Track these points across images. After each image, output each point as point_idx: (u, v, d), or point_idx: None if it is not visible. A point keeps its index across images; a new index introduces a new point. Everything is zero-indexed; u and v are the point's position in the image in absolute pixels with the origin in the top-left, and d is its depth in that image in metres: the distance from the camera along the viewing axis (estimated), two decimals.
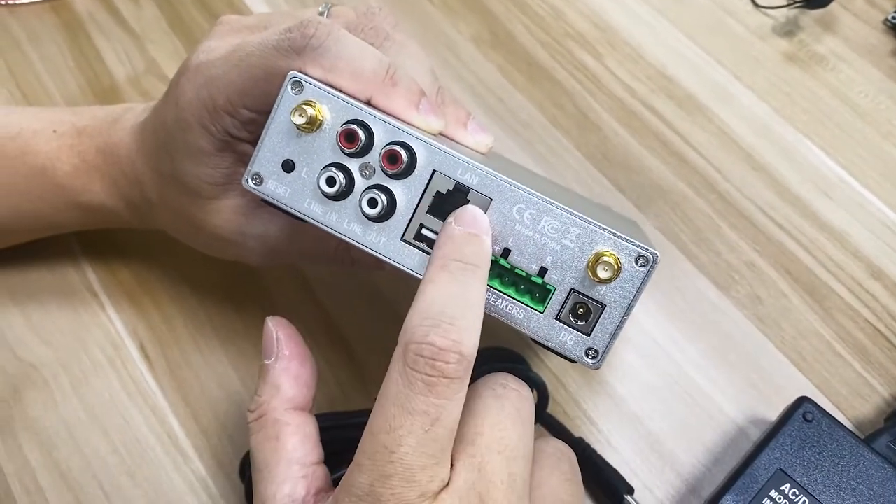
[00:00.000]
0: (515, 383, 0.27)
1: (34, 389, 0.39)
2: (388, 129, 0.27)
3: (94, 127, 0.37)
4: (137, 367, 0.40)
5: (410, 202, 0.27)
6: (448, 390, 0.23)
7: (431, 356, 0.23)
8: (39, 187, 0.37)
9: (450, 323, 0.23)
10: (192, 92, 0.30)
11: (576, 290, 0.26)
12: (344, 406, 0.39)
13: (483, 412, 0.25)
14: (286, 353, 0.29)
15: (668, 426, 0.38)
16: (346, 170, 0.27)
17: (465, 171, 0.27)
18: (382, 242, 0.28)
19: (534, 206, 0.26)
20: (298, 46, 0.28)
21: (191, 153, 0.31)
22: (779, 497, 0.32)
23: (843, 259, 0.43)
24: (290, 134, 0.28)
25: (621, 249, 0.26)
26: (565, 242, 0.26)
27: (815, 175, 0.46)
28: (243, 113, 0.30)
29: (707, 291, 0.42)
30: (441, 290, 0.24)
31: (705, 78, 0.50)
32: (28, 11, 0.53)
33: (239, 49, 0.30)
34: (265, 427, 0.27)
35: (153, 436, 0.38)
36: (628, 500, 0.35)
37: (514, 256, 0.27)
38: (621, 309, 0.26)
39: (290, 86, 0.27)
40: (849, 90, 0.49)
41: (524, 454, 0.25)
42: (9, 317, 0.41)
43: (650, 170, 0.46)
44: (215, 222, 0.33)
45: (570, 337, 0.27)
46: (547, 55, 0.51)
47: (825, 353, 0.40)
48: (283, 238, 0.34)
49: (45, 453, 0.38)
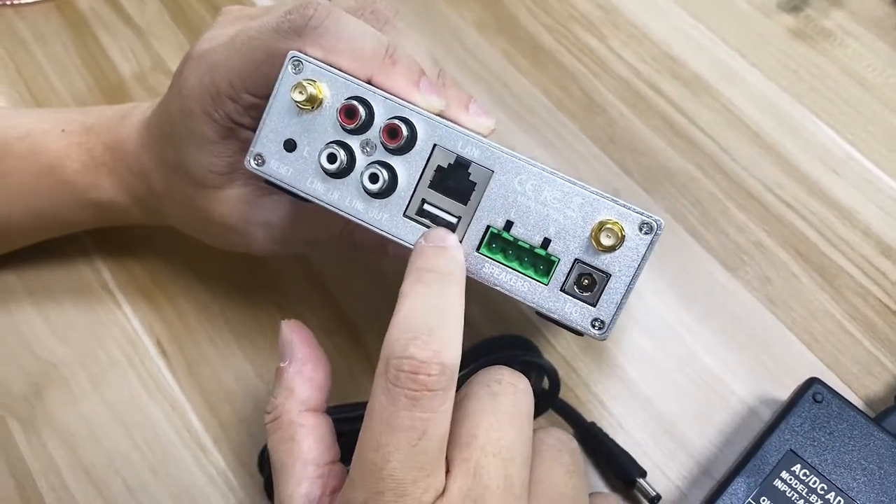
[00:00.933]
0: (511, 377, 0.27)
1: (55, 388, 0.40)
2: (388, 104, 0.27)
3: (102, 124, 0.37)
4: (155, 363, 0.41)
5: (412, 177, 0.27)
6: (432, 403, 0.23)
7: (412, 370, 0.23)
8: (49, 185, 0.37)
9: (428, 334, 0.23)
10: (194, 79, 0.30)
11: (580, 259, 0.26)
12: (356, 396, 0.39)
13: (478, 413, 0.25)
14: (299, 357, 0.29)
15: (679, 408, 0.39)
16: (347, 147, 0.27)
17: (465, 144, 0.27)
18: (385, 219, 0.28)
19: (535, 177, 0.26)
20: (298, 27, 0.28)
21: (195, 141, 0.32)
22: (790, 478, 0.32)
23: (853, 237, 0.43)
24: (290, 113, 0.28)
25: (624, 217, 0.26)
26: (568, 212, 0.26)
27: (822, 152, 0.46)
28: (246, 98, 0.30)
29: (716, 273, 0.42)
30: (417, 302, 0.24)
31: (711, 57, 0.50)
32: (33, 11, 0.53)
33: (240, 34, 0.30)
34: (281, 428, 0.28)
35: (173, 430, 0.39)
36: (641, 483, 0.36)
37: (517, 228, 0.27)
38: (626, 278, 0.26)
39: (290, 65, 0.27)
40: (856, 65, 0.49)
41: (521, 453, 0.25)
42: (27, 316, 0.42)
43: (657, 152, 0.46)
44: (221, 211, 0.34)
45: (575, 308, 0.27)
46: (551, 38, 0.51)
47: (835, 332, 0.40)
48: (288, 225, 0.34)
49: (69, 450, 0.39)
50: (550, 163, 0.46)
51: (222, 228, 0.35)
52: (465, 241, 0.27)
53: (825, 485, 0.32)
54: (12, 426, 0.39)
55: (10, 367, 0.41)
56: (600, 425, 0.38)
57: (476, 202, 0.27)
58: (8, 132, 0.37)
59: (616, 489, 0.37)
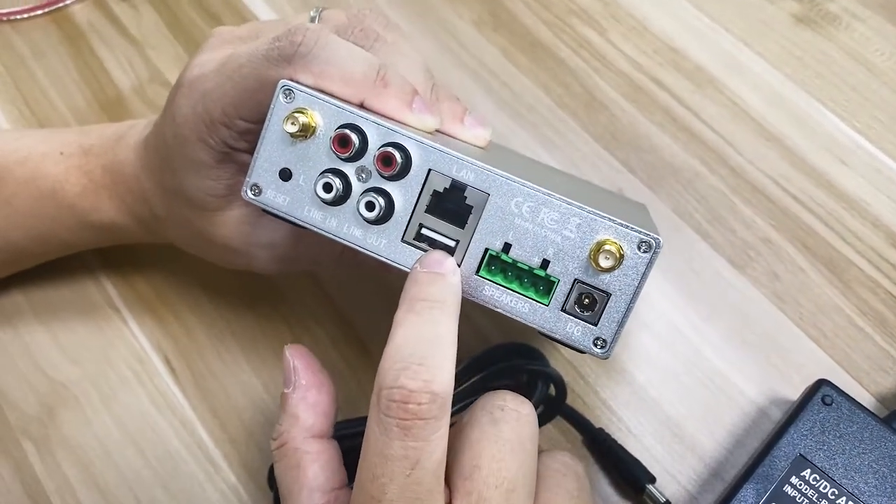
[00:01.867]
0: (514, 402, 0.27)
1: (66, 407, 0.41)
2: (380, 130, 0.27)
3: (100, 146, 0.37)
4: (163, 380, 0.41)
5: (408, 203, 0.27)
6: (424, 431, 0.23)
7: (403, 399, 0.23)
8: (51, 209, 0.37)
9: (419, 364, 0.23)
10: (187, 107, 0.30)
11: (580, 280, 0.26)
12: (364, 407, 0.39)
13: (480, 441, 0.25)
14: (303, 383, 0.29)
15: (688, 410, 0.38)
16: (342, 175, 0.27)
17: (460, 168, 0.26)
18: (384, 245, 0.28)
19: (532, 199, 0.26)
20: (287, 54, 0.27)
21: (192, 167, 0.31)
22: (800, 483, 0.32)
23: (862, 229, 0.42)
24: (284, 142, 0.28)
25: (622, 236, 0.26)
26: (566, 233, 0.26)
27: (829, 142, 0.45)
28: (239, 124, 0.30)
29: (723, 271, 0.42)
30: (409, 331, 0.24)
31: (713, 47, 0.49)
32: (29, 25, 0.53)
33: (230, 61, 0.30)
34: (286, 456, 0.28)
35: (183, 447, 0.39)
36: (650, 489, 0.36)
37: (515, 250, 0.27)
38: (627, 297, 0.26)
39: (281, 94, 0.27)
40: (864, 49, 0.48)
41: (525, 483, 0.25)
42: (35, 336, 0.42)
43: (660, 148, 0.46)
44: (223, 233, 0.34)
45: (577, 328, 0.27)
46: (550, 34, 0.50)
47: (845, 327, 0.40)
48: (290, 245, 0.34)
49: (83, 469, 0.39)
50: (552, 162, 0.46)
51: (225, 250, 0.35)
52: (463, 263, 0.27)
53: (836, 489, 0.32)
54: (27, 447, 0.40)
55: (23, 388, 0.41)
56: (608, 431, 0.38)
57: (473, 225, 0.27)
58: (9, 157, 0.37)
59: (625, 495, 0.37)
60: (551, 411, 0.37)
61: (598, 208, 0.26)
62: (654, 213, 0.43)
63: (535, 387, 0.37)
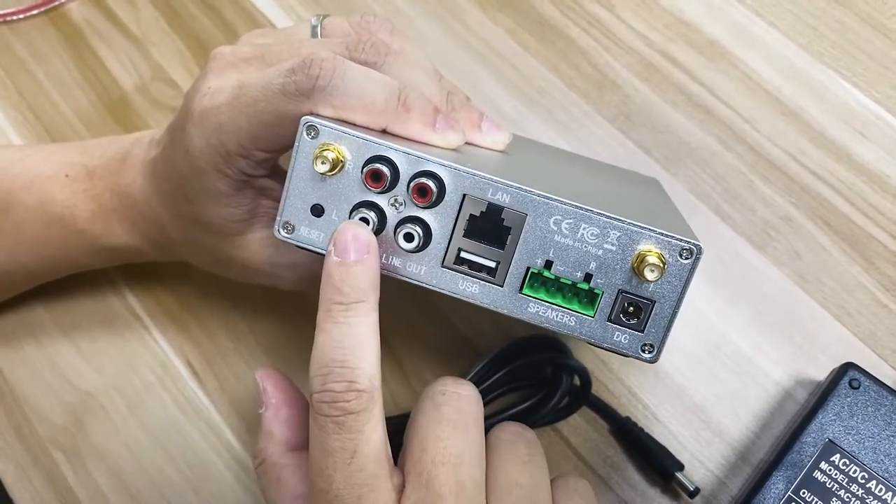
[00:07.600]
0: (454, 385, 0.28)
1: (93, 416, 0.41)
2: (409, 159, 0.27)
3: (104, 167, 0.37)
4: (188, 385, 0.41)
5: (446, 228, 0.27)
6: (357, 423, 0.25)
7: (332, 400, 0.25)
8: (61, 234, 0.37)
9: (341, 367, 0.25)
10: (201, 140, 0.30)
11: (623, 290, 0.26)
12: (390, 404, 0.40)
13: (425, 426, 0.27)
14: (273, 402, 0.30)
15: (713, 395, 0.38)
16: (376, 207, 0.27)
17: (495, 191, 0.26)
18: (423, 272, 0.28)
19: (570, 216, 0.26)
20: (306, 89, 0.27)
21: (210, 197, 0.31)
22: (829, 469, 0.32)
23: (883, 203, 0.42)
24: (313, 179, 0.27)
25: (664, 245, 0.26)
26: (607, 246, 0.26)
27: (848, 114, 0.44)
28: (257, 154, 0.29)
29: (744, 252, 0.41)
30: (327, 338, 0.25)
31: (725, 19, 0.48)
32: (26, 26, 0.52)
33: (243, 94, 0.29)
34: (267, 472, 0.29)
35: (212, 451, 0.40)
36: (678, 476, 0.36)
37: (557, 267, 0.27)
38: (672, 303, 0.26)
39: (304, 132, 0.27)
40: (880, 14, 0.47)
41: (472, 455, 0.27)
42: (59, 347, 0.42)
43: (676, 127, 0.45)
44: (243, 255, 0.33)
45: (624, 336, 0.27)
46: (557, 12, 0.49)
47: (869, 304, 0.40)
48: (316, 264, 0.34)
49: (114, 477, 0.40)
50: (566, 147, 0.45)
51: (247, 271, 0.34)
52: (506, 284, 0.27)
53: (866, 473, 0.32)
54: (58, 458, 0.40)
55: (50, 399, 0.41)
56: (635, 419, 0.38)
57: (513, 245, 0.27)
58: (15, 182, 0.37)
59: (654, 483, 0.37)
60: (577, 402, 0.38)
61: (634, 216, 0.26)
62: (672, 194, 0.42)
63: (559, 379, 0.37)
